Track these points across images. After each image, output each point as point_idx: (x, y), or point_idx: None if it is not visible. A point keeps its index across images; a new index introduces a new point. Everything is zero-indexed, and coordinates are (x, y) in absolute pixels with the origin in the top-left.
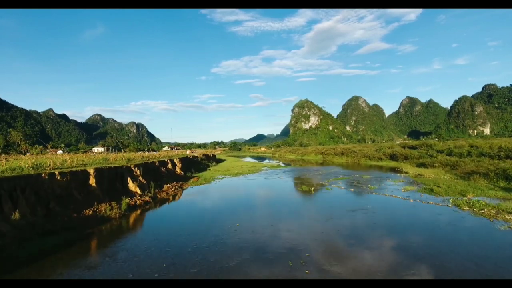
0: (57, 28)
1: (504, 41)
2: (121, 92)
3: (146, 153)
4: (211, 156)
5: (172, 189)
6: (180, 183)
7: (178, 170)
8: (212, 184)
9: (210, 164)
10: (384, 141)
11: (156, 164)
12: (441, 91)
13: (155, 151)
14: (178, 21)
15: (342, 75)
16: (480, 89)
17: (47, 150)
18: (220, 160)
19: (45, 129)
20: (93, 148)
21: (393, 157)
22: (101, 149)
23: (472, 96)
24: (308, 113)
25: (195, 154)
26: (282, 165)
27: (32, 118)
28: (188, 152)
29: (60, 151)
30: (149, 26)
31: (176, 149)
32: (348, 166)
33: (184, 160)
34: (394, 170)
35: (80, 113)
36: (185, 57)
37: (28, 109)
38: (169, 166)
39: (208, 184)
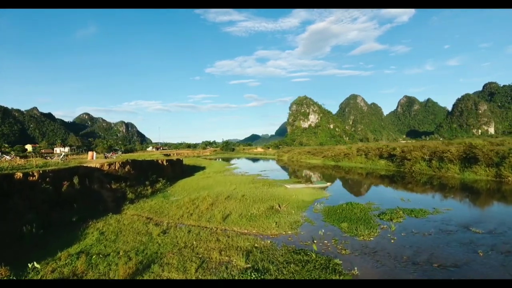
0: (55, 27)
1: (495, 43)
2: (114, 92)
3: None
4: (164, 164)
5: None
6: None
7: None
8: None
9: (140, 197)
10: (388, 141)
11: None
12: (435, 92)
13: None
14: (172, 21)
15: (336, 76)
16: (474, 90)
17: None
18: (191, 171)
19: (28, 128)
20: (54, 149)
21: None
22: (64, 149)
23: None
24: (307, 111)
25: (96, 165)
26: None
27: (12, 117)
28: (89, 156)
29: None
30: (143, 26)
31: (163, 149)
32: None
33: None
34: None
35: (73, 113)
36: (179, 57)
37: (9, 107)
38: None
39: None
